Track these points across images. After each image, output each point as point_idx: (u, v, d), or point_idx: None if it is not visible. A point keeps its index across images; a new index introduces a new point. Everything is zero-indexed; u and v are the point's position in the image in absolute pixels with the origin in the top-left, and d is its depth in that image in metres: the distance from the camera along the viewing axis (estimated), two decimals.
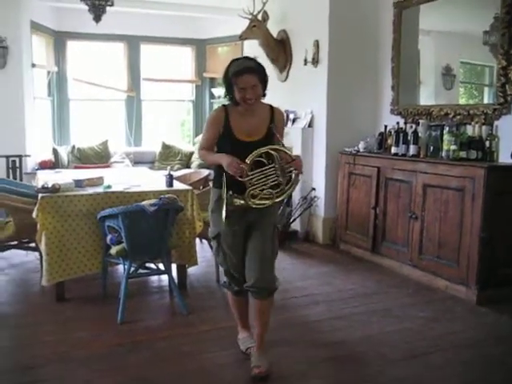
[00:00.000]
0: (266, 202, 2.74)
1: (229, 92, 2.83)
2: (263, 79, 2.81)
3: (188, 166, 7.94)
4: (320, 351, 3.24)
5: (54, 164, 7.21)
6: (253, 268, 2.86)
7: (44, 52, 7.82)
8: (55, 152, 7.36)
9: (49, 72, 7.91)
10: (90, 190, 4.01)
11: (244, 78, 2.73)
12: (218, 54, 8.55)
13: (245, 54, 7.40)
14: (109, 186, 4.11)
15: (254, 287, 2.86)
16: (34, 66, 7.31)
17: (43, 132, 7.81)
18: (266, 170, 2.71)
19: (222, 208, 2.68)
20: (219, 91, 8.38)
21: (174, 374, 2.91)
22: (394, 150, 4.83)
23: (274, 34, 6.24)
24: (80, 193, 3.94)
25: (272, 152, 2.71)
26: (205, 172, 5.50)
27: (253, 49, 6.74)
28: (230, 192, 2.68)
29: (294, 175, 2.77)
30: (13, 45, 6.83)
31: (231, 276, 3.02)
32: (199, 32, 8.54)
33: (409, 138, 4.68)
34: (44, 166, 7.08)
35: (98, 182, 4.25)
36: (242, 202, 2.69)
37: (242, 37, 6.20)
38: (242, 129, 2.84)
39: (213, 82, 8.72)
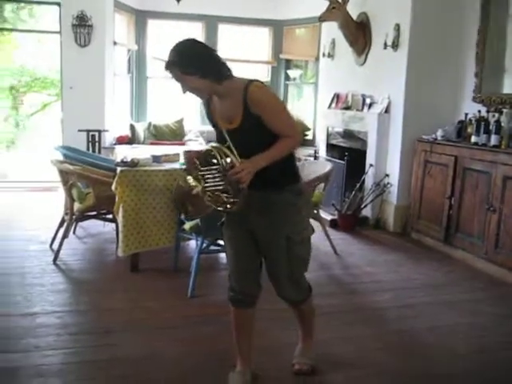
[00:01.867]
0: (226, 206, 2.27)
1: None
2: (189, 68, 2.24)
3: None
4: (389, 338, 3.23)
5: (131, 140, 7.43)
6: (272, 282, 2.60)
7: (125, 30, 8.04)
8: (132, 128, 7.57)
9: (129, 50, 8.13)
10: (167, 166, 4.13)
11: (170, 74, 2.31)
12: (296, 36, 8.48)
13: (322, 37, 7.34)
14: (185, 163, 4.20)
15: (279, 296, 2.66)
16: (115, 43, 7.53)
17: (121, 108, 8.06)
18: (212, 170, 2.26)
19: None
20: (295, 73, 8.35)
21: None
22: (473, 139, 4.67)
23: (354, 16, 6.12)
24: (157, 168, 4.07)
25: (215, 152, 2.21)
26: None
27: (332, 31, 6.67)
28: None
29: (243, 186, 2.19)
30: (97, 23, 7.07)
31: (232, 280, 2.58)
32: (277, 13, 8.49)
33: (490, 127, 4.51)
34: (121, 141, 7.31)
35: (174, 158, 4.36)
36: (197, 187, 2.33)
37: (322, 18, 6.11)
38: (221, 114, 2.39)
39: (289, 63, 8.68)
